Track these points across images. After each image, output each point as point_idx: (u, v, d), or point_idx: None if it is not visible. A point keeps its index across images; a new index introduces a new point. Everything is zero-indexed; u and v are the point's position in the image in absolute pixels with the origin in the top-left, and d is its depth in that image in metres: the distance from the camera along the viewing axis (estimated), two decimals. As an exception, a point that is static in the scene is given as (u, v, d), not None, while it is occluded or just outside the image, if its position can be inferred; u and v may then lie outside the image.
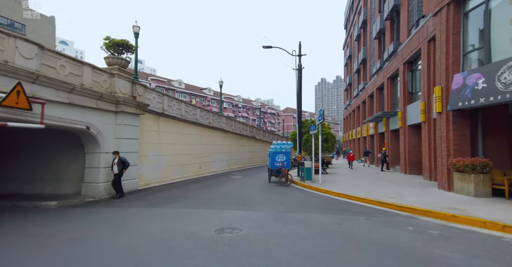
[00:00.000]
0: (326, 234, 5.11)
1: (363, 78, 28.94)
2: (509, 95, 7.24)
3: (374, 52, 23.91)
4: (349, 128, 39.88)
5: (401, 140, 16.54)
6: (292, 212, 7.03)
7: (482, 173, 8.29)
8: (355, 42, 33.30)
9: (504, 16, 8.08)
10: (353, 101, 35.30)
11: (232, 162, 23.83)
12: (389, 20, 19.26)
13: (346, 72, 42.78)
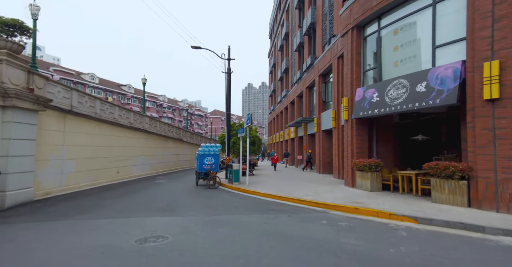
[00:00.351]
0: (253, 233, 5.34)
1: (286, 86, 31.39)
2: (394, 108, 9.05)
3: (295, 63, 26.25)
4: (273, 132, 42.46)
5: (316, 144, 18.60)
6: (221, 215, 7.08)
7: (375, 171, 10.08)
8: (279, 52, 35.89)
9: (390, 44, 10.09)
10: (277, 107, 37.81)
11: (157, 165, 22.32)
12: (307, 35, 21.53)
13: (270, 79, 45.55)
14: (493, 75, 6.66)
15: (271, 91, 42.49)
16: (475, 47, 7.09)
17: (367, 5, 10.45)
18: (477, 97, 7.01)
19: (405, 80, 8.89)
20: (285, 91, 30.61)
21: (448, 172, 7.37)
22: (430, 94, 7.96)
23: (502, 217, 6.13)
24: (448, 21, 8.11)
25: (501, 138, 6.57)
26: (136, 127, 18.57)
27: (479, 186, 6.93)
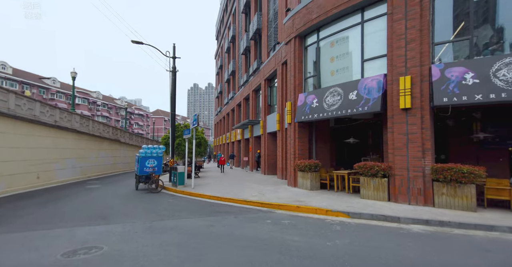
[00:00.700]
0: (199, 237, 5.27)
1: (233, 88, 31.59)
2: (330, 113, 9.97)
3: (242, 66, 26.65)
4: (219, 133, 42.21)
5: (262, 146, 19.19)
6: (164, 220, 6.78)
7: (314, 171, 10.92)
8: (226, 54, 35.94)
9: (327, 55, 11.09)
10: (223, 108, 37.73)
11: (89, 169, 20.07)
12: (253, 40, 22.11)
13: (217, 80, 45.25)
14: (406, 88, 7.91)
15: (218, 93, 42.25)
16: (393, 63, 8.31)
17: (308, 18, 11.29)
18: (395, 106, 8.22)
19: (340, 88, 9.87)
20: (232, 93, 30.80)
21: (373, 171, 8.45)
22: (360, 102, 9.01)
23: (412, 209, 7.30)
24: (373, 39, 9.31)
25: (412, 141, 7.83)
26: (63, 126, 16.42)
27: (396, 182, 8.12)
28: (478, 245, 4.83)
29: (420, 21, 7.90)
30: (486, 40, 7.49)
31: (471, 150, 10.10)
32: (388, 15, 8.60)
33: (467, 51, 7.60)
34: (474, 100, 6.88)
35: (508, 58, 6.70)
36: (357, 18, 9.80)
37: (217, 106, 45.47)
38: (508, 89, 6.56)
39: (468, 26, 7.57)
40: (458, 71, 7.24)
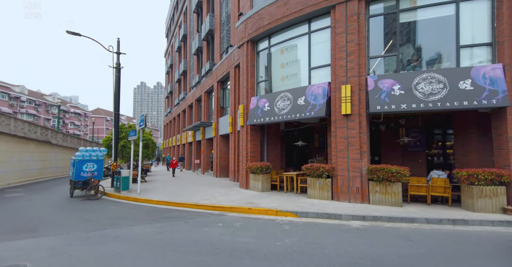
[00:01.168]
0: (145, 245, 5.00)
1: (184, 89, 30.61)
2: (281, 117, 10.41)
3: (193, 66, 26.03)
4: (169, 135, 40.42)
5: (214, 148, 18.99)
6: (105, 229, 6.24)
7: (266, 173, 11.25)
8: (176, 53, 34.69)
9: (278, 61, 11.57)
10: (174, 109, 36.27)
11: (10, 175, 17.31)
12: (206, 41, 21.82)
13: (167, 79, 43.33)
14: (347, 96, 8.72)
15: (168, 93, 40.48)
16: (336, 72, 9.09)
17: (259, 24, 11.63)
18: (337, 112, 8.98)
19: (289, 93, 10.38)
20: (183, 94, 29.82)
21: (319, 172, 9.08)
22: (308, 107, 9.61)
23: (352, 206, 8.06)
24: (319, 48, 10.04)
25: (352, 144, 8.65)
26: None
27: (338, 182, 8.86)
28: (403, 236, 5.57)
29: (358, 36, 8.80)
30: (409, 57, 8.71)
31: (398, 152, 11.58)
32: (331, 28, 9.38)
33: (395, 65, 8.73)
34: (400, 108, 7.93)
35: (425, 74, 7.90)
36: (305, 28, 10.45)
37: (167, 106, 43.50)
38: (425, 100, 7.73)
39: (395, 44, 8.70)
40: (388, 82, 8.26)
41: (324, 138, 13.69)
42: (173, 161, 20.64)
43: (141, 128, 11.58)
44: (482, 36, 7.92)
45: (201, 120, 22.69)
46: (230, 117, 15.64)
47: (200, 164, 23.01)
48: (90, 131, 71.59)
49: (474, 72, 7.51)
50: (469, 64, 7.94)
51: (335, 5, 9.20)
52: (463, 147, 9.88)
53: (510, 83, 7.29)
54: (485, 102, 7.24)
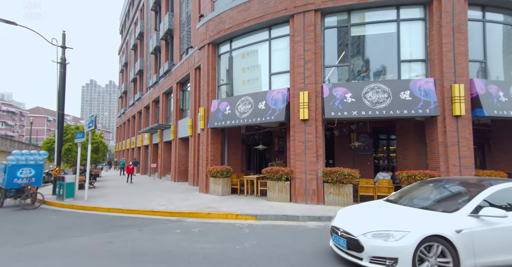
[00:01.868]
0: (93, 258, 4.60)
1: (140, 89, 29.03)
2: (242, 121, 10.48)
3: (151, 66, 24.88)
4: (122, 138, 37.86)
5: (172, 151, 18.31)
6: (43, 242, 5.59)
7: (226, 177, 11.19)
8: (132, 51, 32.82)
9: (239, 65, 11.67)
10: (128, 110, 34.13)
11: None
12: (165, 40, 21.07)
13: (121, 78, 40.68)
14: (305, 101, 9.15)
15: (122, 92, 37.96)
16: (295, 79, 9.50)
17: (221, 27, 11.64)
18: (296, 117, 9.36)
19: (250, 97, 10.52)
20: (139, 94, 28.24)
21: (278, 175, 9.34)
22: (268, 111, 9.85)
23: (308, 207, 8.43)
24: (279, 55, 10.39)
25: (309, 148, 9.08)
26: None
27: (296, 185, 9.21)
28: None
29: (315, 46, 9.33)
30: (359, 68, 9.50)
31: (349, 155, 12.47)
32: (290, 37, 9.79)
33: (347, 75, 9.44)
34: (352, 115, 8.58)
35: (372, 84, 8.69)
36: (265, 34, 10.74)
37: (121, 107, 40.74)
38: (372, 108, 8.49)
39: (347, 55, 9.42)
40: (341, 91, 8.89)
41: (283, 142, 14.12)
42: (129, 166, 19.20)
43: (90, 130, 10.69)
44: (418, 52, 9.00)
45: (159, 122, 21.72)
46: (190, 119, 15.25)
47: (157, 168, 21.96)
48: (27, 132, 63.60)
49: (412, 84, 8.48)
50: (408, 77, 8.95)
51: (294, 15, 9.64)
52: (403, 151, 11.03)
53: (440, 95, 8.39)
54: (421, 111, 8.21)
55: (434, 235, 3.54)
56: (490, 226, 3.65)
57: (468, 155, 8.18)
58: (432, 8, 8.72)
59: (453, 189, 4.56)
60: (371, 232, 3.76)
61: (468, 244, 3.55)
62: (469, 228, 3.60)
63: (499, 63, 9.46)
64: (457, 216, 3.72)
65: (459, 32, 8.44)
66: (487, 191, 3.93)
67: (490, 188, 3.98)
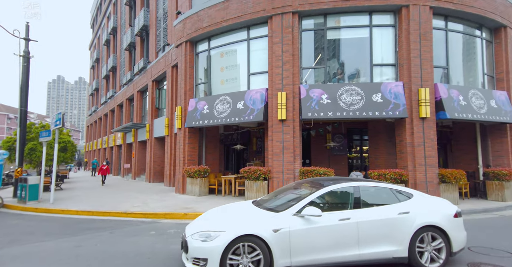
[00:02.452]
0: (59, 263, 4.34)
1: (113, 86, 27.82)
2: (220, 120, 10.41)
3: (125, 63, 23.94)
4: (94, 137, 36.05)
5: (147, 151, 17.74)
6: (2, 248, 5.18)
7: (203, 177, 11.05)
8: (104, 46, 31.38)
9: (218, 64, 11.59)
10: (100, 108, 32.58)
11: None
12: (140, 37, 20.38)
13: (92, 75, 38.76)
14: (282, 102, 9.29)
15: (93, 90, 36.15)
16: (273, 79, 9.61)
17: (199, 25, 11.48)
18: (274, 117, 9.47)
19: (229, 97, 10.49)
20: (111, 92, 27.04)
21: (256, 175, 9.39)
22: (246, 111, 9.87)
23: (286, 204, 8.55)
24: (258, 55, 10.46)
25: (286, 148, 9.23)
26: None
27: (274, 184, 9.31)
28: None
29: (292, 47, 9.51)
30: (334, 70, 9.82)
31: (325, 155, 12.84)
32: (269, 37, 9.89)
33: (323, 77, 9.72)
34: (328, 116, 8.84)
35: (347, 86, 9.03)
36: (244, 34, 10.76)
37: (92, 105, 38.77)
38: (347, 109, 8.82)
39: (323, 57, 9.71)
40: (318, 92, 9.14)
41: (261, 142, 14.22)
42: (103, 166, 18.01)
43: (57, 128, 10.07)
44: (389, 57, 9.49)
45: (133, 121, 20.95)
46: (166, 119, 14.88)
47: (131, 168, 21.16)
48: (-15, 130, 58.49)
49: (383, 87, 8.92)
50: (380, 80, 9.40)
51: (272, 16, 9.76)
52: (375, 151, 11.55)
53: (408, 98, 8.90)
54: (391, 113, 8.66)
55: (247, 234, 3.50)
56: (309, 226, 3.67)
57: (433, 155, 8.76)
58: (401, 16, 9.23)
59: (303, 191, 4.45)
60: (198, 233, 3.69)
61: (284, 243, 3.55)
62: (288, 227, 3.60)
63: (459, 69, 10.23)
64: (282, 216, 3.73)
65: (425, 40, 9.01)
66: (318, 192, 3.98)
67: (322, 189, 4.03)
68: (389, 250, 3.82)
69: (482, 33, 10.63)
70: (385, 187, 4.28)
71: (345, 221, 3.78)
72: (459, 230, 4.08)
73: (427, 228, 3.93)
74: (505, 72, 10.44)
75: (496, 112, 9.56)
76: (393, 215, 3.92)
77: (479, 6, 9.67)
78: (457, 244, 4.01)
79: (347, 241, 3.74)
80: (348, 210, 3.93)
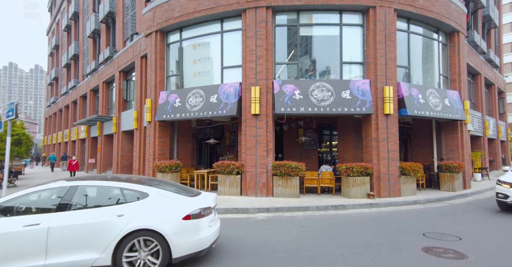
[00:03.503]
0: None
1: (75, 76, 25.88)
2: (193, 114, 10.20)
3: (88, 51, 22.34)
4: (53, 130, 33.46)
5: (115, 145, 16.89)
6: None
7: (175, 172, 10.82)
8: (65, 32, 28.93)
9: (190, 56, 11.27)
10: (60, 99, 30.22)
11: None
12: (105, 24, 19.10)
13: (51, 63, 35.69)
14: (256, 96, 9.33)
15: (52, 79, 33.34)
16: (247, 74, 9.60)
17: (170, 14, 11.04)
18: (248, 112, 9.50)
19: (202, 90, 10.29)
20: (73, 82, 25.15)
21: (229, 169, 9.41)
22: (220, 105, 9.78)
23: (258, 200, 8.72)
24: (232, 49, 10.34)
25: (260, 142, 9.34)
26: None
27: (247, 178, 9.41)
28: (299, 223, 6.44)
29: (266, 42, 9.54)
30: (306, 66, 10.06)
31: (297, 150, 13.20)
32: (242, 31, 9.82)
33: (296, 73, 9.91)
34: (300, 111, 9.07)
35: (318, 83, 9.30)
36: (217, 27, 10.56)
37: (50, 95, 35.79)
38: (318, 105, 9.11)
39: (296, 54, 9.88)
40: (291, 87, 9.31)
41: (235, 137, 14.21)
42: (72, 162, 16.37)
43: (9, 120, 9.18)
44: (357, 56, 9.91)
45: (99, 113, 19.73)
46: (135, 111, 14.23)
47: (96, 163, 20.04)
48: None
49: (352, 84, 9.33)
50: (349, 77, 9.81)
51: (246, 10, 9.68)
52: (343, 145, 12.11)
53: (374, 95, 9.41)
54: (359, 109, 9.11)
55: None
56: None
57: (395, 149, 9.40)
58: (369, 16, 9.65)
59: None
60: None
61: None
62: None
63: (419, 69, 11.01)
64: None
65: (390, 40, 9.54)
66: (14, 195, 3.66)
67: (22, 191, 3.71)
68: (88, 258, 3.41)
69: (439, 36, 11.49)
70: (114, 187, 3.86)
71: (32, 227, 3.33)
72: (187, 235, 3.67)
73: (142, 232, 3.54)
74: (458, 73, 11.44)
75: (449, 110, 10.47)
76: (104, 219, 3.51)
77: (437, 11, 10.41)
78: (180, 249, 3.60)
79: (32, 249, 3.30)
80: (45, 214, 3.49)
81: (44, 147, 37.98)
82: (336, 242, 4.98)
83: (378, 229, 5.82)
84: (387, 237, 5.24)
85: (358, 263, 4.03)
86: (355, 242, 4.93)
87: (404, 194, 9.33)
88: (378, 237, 5.28)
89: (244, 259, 4.17)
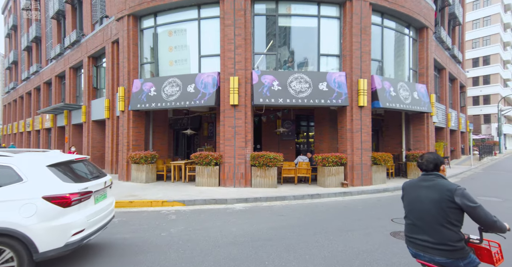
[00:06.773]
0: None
1: (38, 60, 23.90)
2: (169, 104, 9.89)
3: (52, 33, 20.62)
4: (13, 119, 30.97)
5: (84, 135, 16.03)
6: None
7: (151, 163, 10.54)
8: (24, 11, 26.37)
9: (166, 44, 10.81)
10: (21, 85, 27.87)
11: None
12: (71, 5, 17.66)
13: (9, 45, 32.62)
14: (235, 87, 9.22)
15: (10, 63, 30.54)
16: (225, 63, 9.42)
17: (145, -2, 10.44)
18: (226, 102, 9.39)
19: (178, 79, 9.97)
20: (36, 66, 23.22)
21: (207, 160, 9.32)
22: (197, 95, 9.55)
23: (236, 190, 8.78)
24: (209, 37, 10.06)
25: (238, 133, 9.31)
26: None
27: (225, 169, 9.40)
28: (277, 212, 6.60)
29: (245, 31, 9.37)
30: (285, 57, 10.07)
31: (275, 140, 13.36)
32: (220, 19, 9.55)
33: (274, 63, 9.89)
34: (278, 102, 9.12)
35: (296, 74, 9.38)
36: (194, 13, 10.18)
37: (9, 81, 32.86)
38: (296, 96, 9.21)
39: (275, 44, 9.83)
40: (269, 78, 9.30)
41: (213, 127, 14.03)
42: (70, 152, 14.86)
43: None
44: (334, 48, 10.08)
45: (66, 101, 18.48)
46: (107, 100, 13.50)
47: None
48: None
49: (329, 76, 9.52)
50: (326, 69, 9.97)
51: (225, -3, 9.39)
52: (319, 136, 12.44)
53: (349, 88, 9.68)
54: (335, 101, 9.35)
55: None
56: None
57: (368, 140, 9.83)
58: (345, 9, 9.78)
59: None
60: None
61: None
62: None
63: (391, 63, 11.46)
64: None
65: (365, 34, 9.77)
66: None
67: None
68: None
69: (410, 31, 11.97)
70: None
71: None
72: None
73: None
74: (426, 67, 12.06)
75: (417, 102, 11.07)
76: None
77: (408, 6, 10.79)
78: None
79: None
80: None
81: (3, 136, 35.11)
82: (312, 229, 5.18)
83: (351, 216, 6.13)
84: (359, 224, 5.55)
85: (332, 248, 4.24)
86: (329, 229, 5.16)
87: (375, 183, 9.86)
88: (351, 223, 5.57)
89: (222, 249, 4.22)
